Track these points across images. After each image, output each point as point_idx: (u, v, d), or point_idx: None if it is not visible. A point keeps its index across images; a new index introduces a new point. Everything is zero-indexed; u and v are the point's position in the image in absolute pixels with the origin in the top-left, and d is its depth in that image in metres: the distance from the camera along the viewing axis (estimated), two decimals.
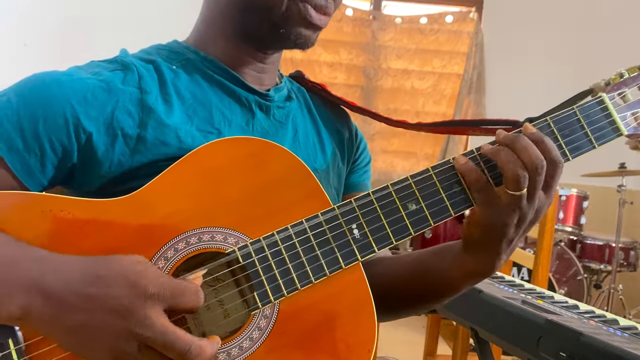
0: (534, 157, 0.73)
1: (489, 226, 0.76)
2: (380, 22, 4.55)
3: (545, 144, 0.75)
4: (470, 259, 0.81)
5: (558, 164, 0.75)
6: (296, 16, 0.82)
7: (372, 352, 0.73)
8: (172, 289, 0.63)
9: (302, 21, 0.83)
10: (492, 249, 0.78)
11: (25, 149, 0.74)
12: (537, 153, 0.74)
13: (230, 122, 0.85)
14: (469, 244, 0.80)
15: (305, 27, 0.83)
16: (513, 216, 0.75)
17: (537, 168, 0.73)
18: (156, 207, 0.73)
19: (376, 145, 4.40)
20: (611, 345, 0.97)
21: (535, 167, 0.73)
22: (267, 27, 0.84)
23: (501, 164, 0.74)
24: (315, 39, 0.86)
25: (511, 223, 0.76)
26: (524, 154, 0.73)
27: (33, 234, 0.69)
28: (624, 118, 0.83)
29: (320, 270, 0.74)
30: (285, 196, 0.76)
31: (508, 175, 0.73)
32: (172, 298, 0.63)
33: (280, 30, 0.83)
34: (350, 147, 1.00)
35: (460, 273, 0.82)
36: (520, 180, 0.73)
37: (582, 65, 4.05)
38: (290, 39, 0.84)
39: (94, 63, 0.83)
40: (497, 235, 0.77)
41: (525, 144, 0.74)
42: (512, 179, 0.73)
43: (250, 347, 0.72)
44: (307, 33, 0.84)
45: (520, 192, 0.73)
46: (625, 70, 0.85)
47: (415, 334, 3.44)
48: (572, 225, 3.71)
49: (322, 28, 0.86)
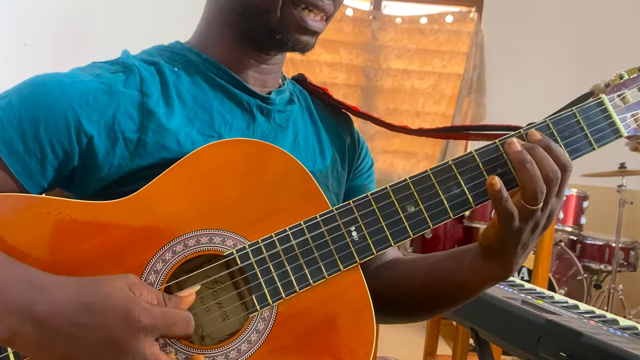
0: (549, 170, 0.74)
1: (505, 234, 0.77)
2: (380, 22, 4.55)
3: (554, 151, 0.76)
4: (487, 265, 0.81)
5: (568, 169, 0.76)
6: (291, 22, 0.82)
7: (370, 355, 0.73)
8: (165, 320, 0.63)
9: (297, 27, 0.82)
10: (508, 255, 0.79)
11: (26, 152, 0.74)
12: (553, 166, 0.74)
13: (231, 125, 0.84)
14: (485, 251, 0.81)
15: (301, 33, 0.83)
16: (529, 224, 0.76)
17: (553, 181, 0.74)
18: (154, 209, 0.73)
19: (376, 145, 4.40)
20: (611, 345, 0.97)
21: (550, 180, 0.74)
22: (265, 32, 0.84)
23: (524, 182, 0.74)
24: (314, 43, 0.86)
25: (526, 230, 0.76)
26: (540, 168, 0.74)
27: (31, 236, 0.69)
28: (624, 119, 0.83)
29: (319, 273, 0.74)
30: (284, 198, 0.76)
31: (529, 191, 0.74)
32: (164, 328, 0.63)
33: (277, 36, 0.83)
34: (352, 153, 0.99)
35: (477, 277, 0.83)
36: (538, 197, 0.74)
37: (582, 65, 4.05)
38: (287, 45, 0.84)
39: (96, 64, 0.83)
40: (513, 242, 0.77)
41: (542, 157, 0.74)
42: (532, 195, 0.74)
43: (249, 350, 0.72)
44: (304, 39, 0.84)
45: (537, 207, 0.75)
46: (625, 72, 0.85)
47: (415, 334, 3.43)
48: (572, 225, 3.71)
49: (319, 33, 0.85)
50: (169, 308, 0.65)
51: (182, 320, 0.65)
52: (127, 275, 0.66)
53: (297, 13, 0.81)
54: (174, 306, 0.66)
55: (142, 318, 0.62)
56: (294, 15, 0.81)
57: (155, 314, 0.63)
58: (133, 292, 0.64)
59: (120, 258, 0.71)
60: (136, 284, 0.65)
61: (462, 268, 0.84)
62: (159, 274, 0.71)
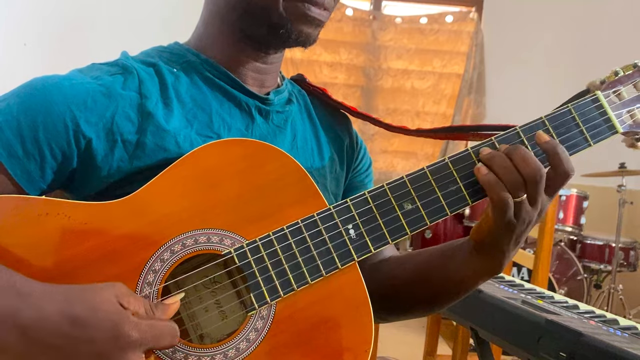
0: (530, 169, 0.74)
1: (499, 228, 0.77)
2: (380, 22, 4.55)
3: (559, 156, 0.76)
4: (480, 260, 0.82)
5: (570, 175, 0.77)
6: (295, 14, 0.81)
7: (369, 352, 0.73)
8: (152, 333, 0.63)
9: (302, 18, 0.82)
10: (501, 249, 0.80)
11: (25, 155, 0.74)
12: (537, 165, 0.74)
13: (229, 126, 0.84)
14: (479, 246, 0.81)
15: (306, 24, 0.83)
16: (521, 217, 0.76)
17: (537, 179, 0.74)
18: (152, 209, 0.73)
19: (376, 145, 4.40)
20: (611, 345, 0.97)
21: (534, 179, 0.74)
22: (267, 28, 0.83)
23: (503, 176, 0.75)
24: (317, 35, 0.86)
25: (519, 224, 0.77)
26: (522, 166, 0.74)
27: (30, 237, 0.69)
28: (620, 116, 0.83)
29: (317, 271, 0.74)
30: (281, 197, 0.76)
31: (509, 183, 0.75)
32: (152, 340, 0.63)
33: (280, 31, 0.83)
34: (350, 153, 0.99)
35: (471, 272, 0.84)
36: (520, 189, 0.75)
37: (581, 65, 4.04)
38: (291, 38, 0.84)
39: (95, 66, 0.83)
40: (507, 236, 0.78)
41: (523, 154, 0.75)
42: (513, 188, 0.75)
43: (247, 349, 0.72)
44: (309, 30, 0.84)
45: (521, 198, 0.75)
46: (620, 69, 0.85)
47: (415, 334, 3.44)
48: (572, 225, 3.71)
49: (324, 23, 0.85)
50: (156, 320, 0.65)
51: (169, 332, 0.65)
52: (115, 284, 0.66)
53: (300, 5, 0.81)
54: (161, 314, 0.66)
55: (131, 333, 0.62)
56: (298, 7, 0.81)
57: (143, 328, 0.63)
58: (121, 302, 0.64)
59: (118, 258, 0.71)
60: (124, 293, 0.65)
61: (456, 264, 0.84)
62: (157, 273, 0.71)
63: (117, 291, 0.65)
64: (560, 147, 0.77)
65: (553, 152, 0.76)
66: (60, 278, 0.69)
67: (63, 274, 0.69)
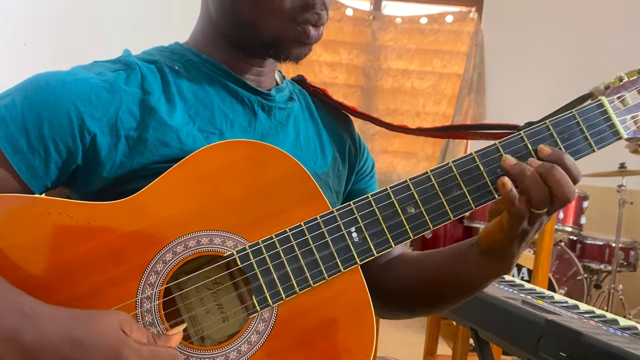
0: (565, 191, 0.74)
1: (513, 236, 0.78)
2: (380, 22, 4.55)
3: (567, 166, 0.76)
4: (489, 263, 0.82)
5: (577, 180, 0.76)
6: (291, 38, 0.82)
7: (370, 356, 0.73)
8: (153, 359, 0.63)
9: (297, 43, 0.83)
10: (512, 252, 0.80)
11: (30, 151, 0.74)
12: (571, 188, 0.74)
13: (232, 122, 0.84)
14: (490, 251, 0.81)
15: (300, 47, 0.84)
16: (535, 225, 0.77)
17: (570, 201, 0.75)
18: (155, 210, 0.73)
19: (376, 145, 4.40)
20: (611, 345, 0.97)
21: (567, 202, 0.75)
22: (258, 44, 0.84)
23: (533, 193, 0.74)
24: (309, 50, 0.86)
25: (532, 230, 0.78)
26: (556, 188, 0.74)
27: (32, 237, 0.69)
28: (624, 122, 0.83)
29: (319, 274, 0.74)
30: (284, 199, 0.76)
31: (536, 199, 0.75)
32: None
33: (271, 51, 0.84)
34: (353, 155, 0.99)
35: (481, 275, 0.84)
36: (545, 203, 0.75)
37: (582, 65, 4.05)
38: (281, 58, 0.85)
39: (98, 63, 0.83)
40: (519, 242, 0.78)
41: (560, 178, 0.74)
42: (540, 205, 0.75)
43: (249, 351, 0.72)
44: (301, 51, 0.85)
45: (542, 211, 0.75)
46: (625, 74, 0.85)
47: (415, 334, 3.44)
48: (572, 225, 3.71)
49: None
50: (157, 347, 0.65)
51: (170, 359, 0.65)
52: (119, 312, 0.66)
53: (300, 28, 0.82)
54: (163, 344, 0.66)
55: (131, 358, 0.62)
56: (297, 31, 0.82)
57: (144, 354, 0.63)
58: (124, 330, 0.64)
59: (120, 259, 0.71)
60: (127, 321, 0.65)
61: (467, 269, 0.85)
62: (159, 274, 0.71)
63: (120, 319, 0.65)
64: (567, 155, 0.77)
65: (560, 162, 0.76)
66: (62, 277, 0.69)
67: (65, 273, 0.69)
